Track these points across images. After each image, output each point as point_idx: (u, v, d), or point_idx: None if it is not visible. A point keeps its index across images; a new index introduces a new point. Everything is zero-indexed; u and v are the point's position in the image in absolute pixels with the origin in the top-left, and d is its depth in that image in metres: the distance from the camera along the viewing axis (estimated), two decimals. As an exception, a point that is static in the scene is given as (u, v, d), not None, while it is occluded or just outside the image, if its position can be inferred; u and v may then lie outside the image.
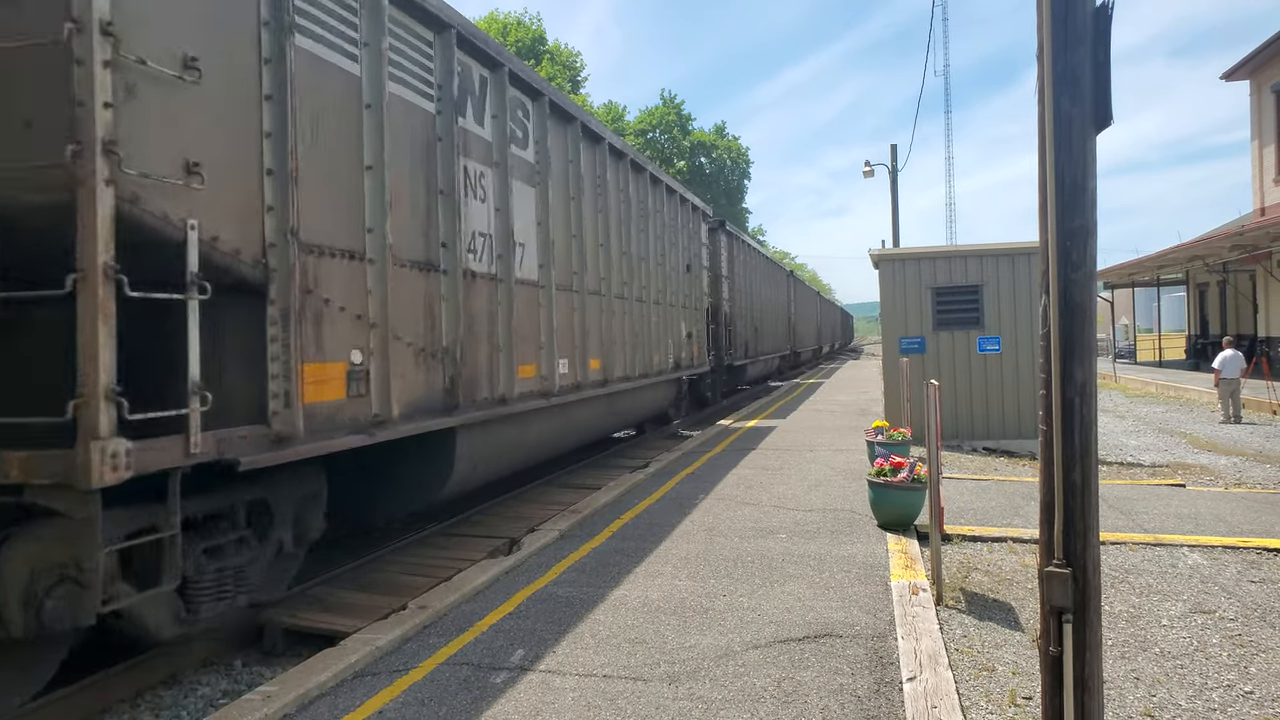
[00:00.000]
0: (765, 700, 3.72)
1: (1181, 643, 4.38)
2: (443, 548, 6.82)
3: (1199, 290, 28.71)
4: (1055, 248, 2.42)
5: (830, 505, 7.64)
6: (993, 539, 6.47)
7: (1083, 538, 2.42)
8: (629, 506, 7.80)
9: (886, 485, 6.60)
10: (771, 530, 6.76)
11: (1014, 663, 4.15)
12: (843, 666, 4.06)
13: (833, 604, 4.95)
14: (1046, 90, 2.40)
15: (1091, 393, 2.43)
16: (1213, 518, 7.05)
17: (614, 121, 51.55)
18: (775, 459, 10.43)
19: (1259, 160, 23.52)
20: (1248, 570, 5.60)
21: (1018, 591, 5.24)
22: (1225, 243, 19.84)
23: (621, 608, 4.99)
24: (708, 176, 56.14)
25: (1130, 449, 12.29)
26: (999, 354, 11.69)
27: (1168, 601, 5.00)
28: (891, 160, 26.68)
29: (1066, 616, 2.42)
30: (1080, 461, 2.41)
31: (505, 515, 7.94)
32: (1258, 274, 22.85)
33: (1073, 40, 2.36)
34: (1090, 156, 2.40)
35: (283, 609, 5.35)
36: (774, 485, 8.68)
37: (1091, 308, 2.44)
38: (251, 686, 4.52)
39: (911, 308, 12.00)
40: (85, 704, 4.25)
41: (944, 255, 12.16)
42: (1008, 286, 11.68)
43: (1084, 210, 2.39)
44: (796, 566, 5.73)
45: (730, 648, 4.32)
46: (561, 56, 47.58)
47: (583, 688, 3.91)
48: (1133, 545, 6.20)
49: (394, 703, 3.81)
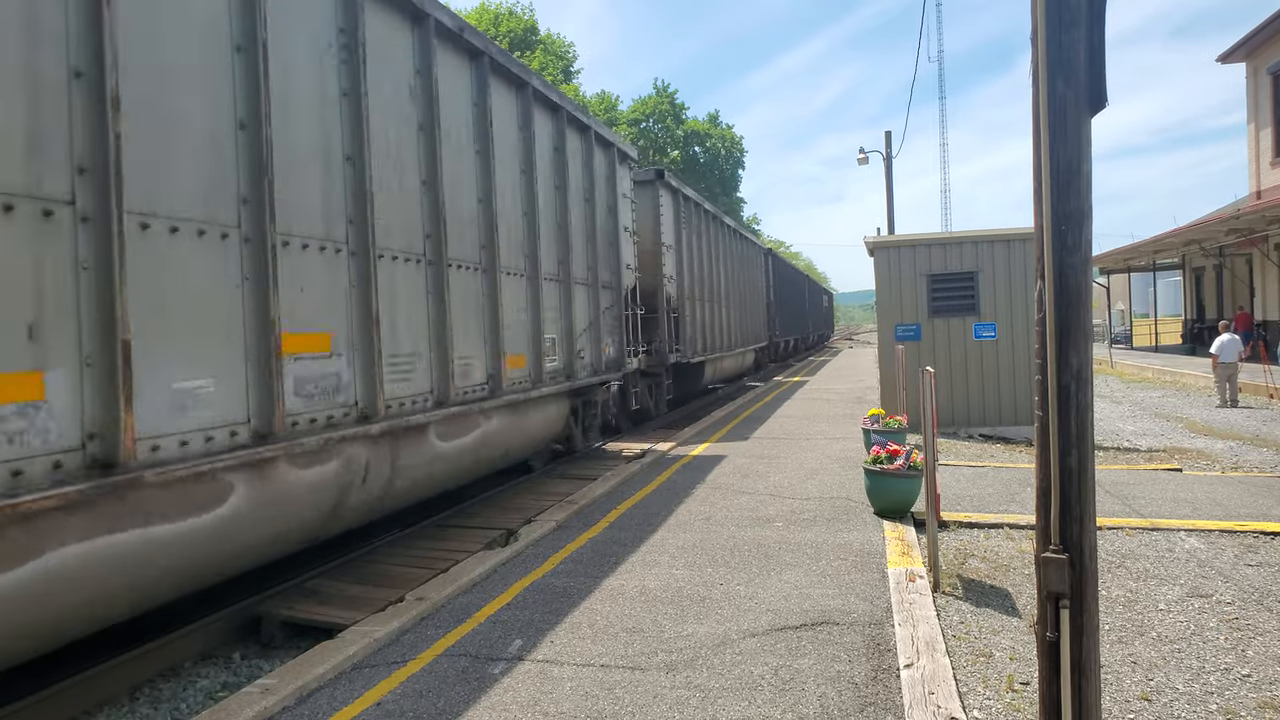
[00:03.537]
0: (763, 688, 3.73)
1: (1179, 627, 4.39)
2: (439, 540, 6.82)
3: (1195, 275, 28.71)
4: (1050, 232, 2.40)
5: (827, 493, 7.65)
6: (989, 525, 6.48)
7: (1079, 523, 2.41)
8: (625, 497, 7.80)
9: (883, 473, 6.60)
10: (768, 519, 6.76)
11: (1011, 648, 4.16)
12: (840, 654, 4.06)
13: (830, 592, 4.95)
14: (1041, 73, 2.38)
15: (1087, 378, 2.41)
16: (1209, 502, 7.06)
17: (607, 111, 51.33)
18: (771, 449, 10.43)
19: (1255, 143, 23.49)
20: (1245, 554, 5.61)
21: (1014, 577, 5.25)
22: (1221, 227, 19.83)
23: (619, 597, 4.99)
24: (702, 166, 55.97)
25: (1127, 434, 12.31)
26: (995, 340, 11.69)
27: (1165, 586, 5.01)
28: (886, 147, 26.62)
29: (1063, 602, 2.41)
30: (1076, 447, 2.40)
31: (502, 507, 7.94)
32: (1254, 258, 22.86)
33: (1067, 22, 2.34)
34: (1085, 140, 2.38)
35: (280, 601, 5.35)
36: (770, 474, 8.68)
37: (1087, 293, 2.43)
38: (250, 679, 4.53)
39: (907, 295, 11.98)
40: (84, 697, 4.25)
41: (939, 242, 12.14)
42: (1003, 272, 11.67)
43: (1079, 194, 2.37)
44: (793, 555, 5.73)
45: (727, 636, 4.33)
46: (554, 47, 47.32)
47: (580, 677, 3.91)
48: (1129, 530, 6.21)
49: (392, 694, 3.81)
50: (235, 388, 4.55)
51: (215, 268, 4.48)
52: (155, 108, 4.18)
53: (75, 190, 3.76)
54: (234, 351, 4.56)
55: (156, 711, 4.31)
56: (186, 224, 4.32)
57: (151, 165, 4.14)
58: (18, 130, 3.54)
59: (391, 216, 6.09)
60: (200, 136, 4.45)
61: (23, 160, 3.55)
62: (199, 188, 4.42)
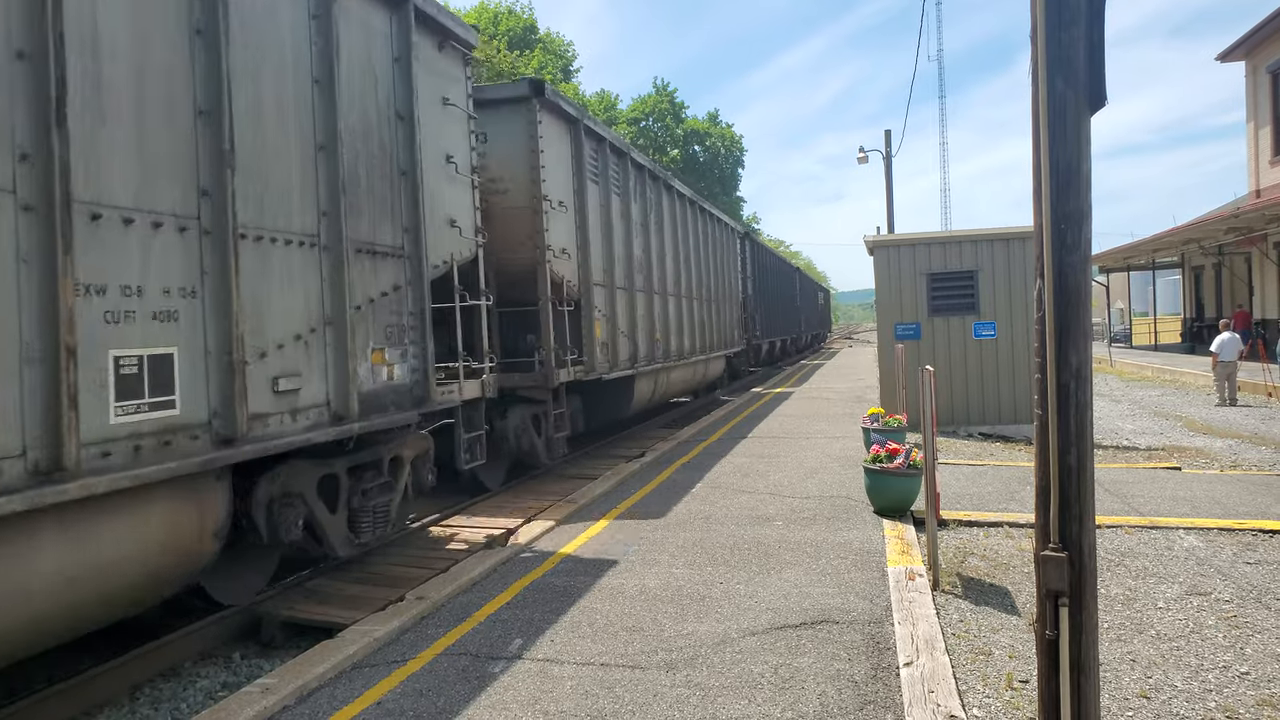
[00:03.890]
0: (763, 686, 3.73)
1: (1177, 625, 4.40)
2: (440, 539, 6.82)
3: (1194, 274, 28.72)
4: (1050, 231, 2.40)
5: (826, 492, 7.65)
6: (989, 524, 6.49)
7: (1078, 521, 2.41)
8: (625, 496, 7.80)
9: (882, 471, 6.60)
10: (768, 517, 6.77)
11: (1010, 646, 4.17)
12: (840, 652, 4.06)
13: (829, 590, 4.95)
14: (1040, 71, 2.38)
15: (1087, 377, 2.42)
16: (1208, 500, 7.07)
17: (606, 110, 51.28)
18: (771, 448, 10.43)
19: (1254, 142, 23.49)
20: (1243, 552, 5.62)
21: (1014, 576, 5.25)
22: (1221, 225, 19.84)
23: (619, 596, 4.99)
24: (702, 165, 55.94)
25: (1126, 433, 12.32)
26: (994, 339, 11.69)
27: (1163, 584, 5.02)
28: (886, 146, 26.62)
29: (1062, 600, 2.41)
30: (1076, 445, 2.40)
31: (501, 506, 7.94)
32: (1253, 256, 22.87)
33: (1067, 20, 2.34)
34: (1085, 138, 2.38)
35: (280, 601, 5.35)
36: (770, 473, 8.69)
37: (1086, 291, 2.43)
38: (250, 679, 4.52)
39: (907, 294, 11.99)
40: (84, 697, 4.25)
41: (939, 241, 12.15)
42: (1003, 271, 11.67)
43: (1078, 193, 2.37)
44: (793, 553, 5.74)
45: (727, 635, 4.33)
46: (553, 46, 47.29)
47: (580, 676, 3.91)
48: (1128, 529, 6.21)
49: (392, 693, 3.81)
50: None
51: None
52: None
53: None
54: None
55: (157, 712, 4.31)
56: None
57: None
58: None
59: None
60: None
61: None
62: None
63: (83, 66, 3.77)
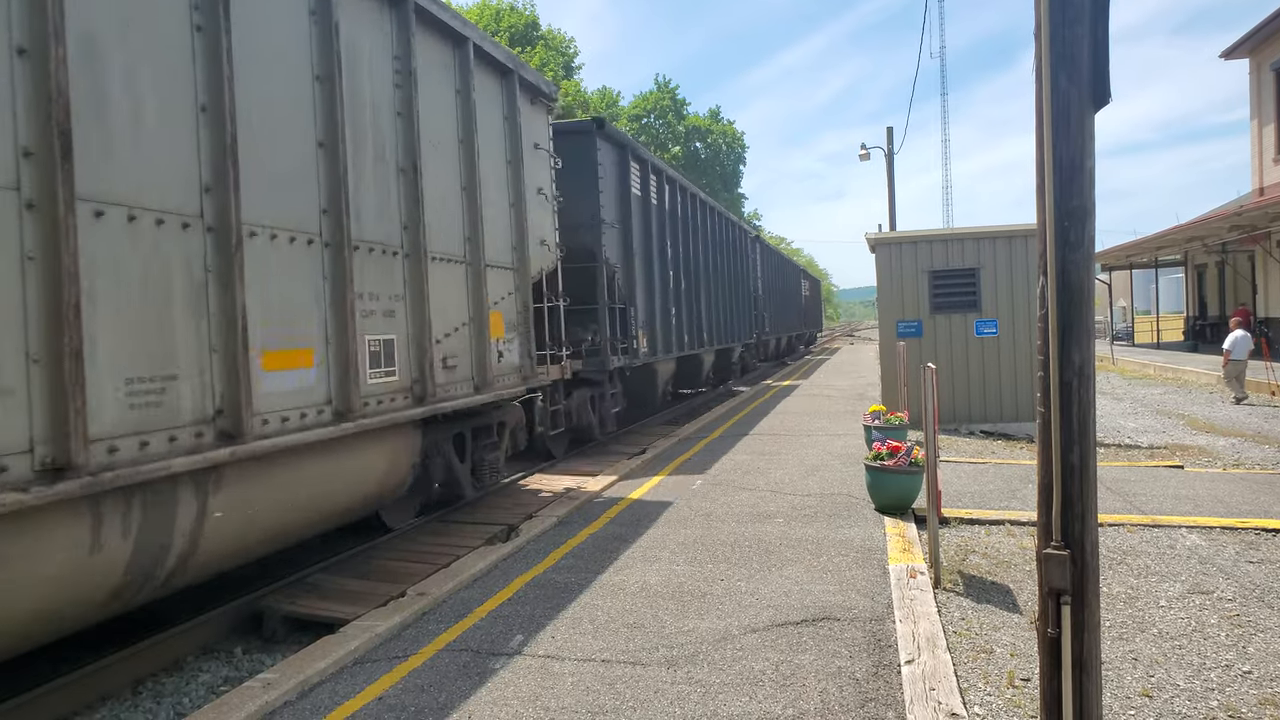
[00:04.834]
0: (764, 683, 3.73)
1: (1180, 623, 4.39)
2: (441, 535, 6.83)
3: (1197, 272, 28.68)
4: (1053, 228, 2.39)
5: (827, 490, 7.65)
6: (990, 522, 6.49)
7: (1081, 520, 2.41)
8: (626, 492, 7.80)
9: (884, 469, 6.60)
10: (769, 515, 6.77)
11: (1012, 644, 4.16)
12: (841, 650, 4.07)
13: (830, 588, 4.95)
14: (1044, 68, 2.37)
15: (1089, 375, 2.41)
16: (1211, 499, 7.06)
17: (608, 107, 51.23)
18: (772, 445, 10.43)
19: (1258, 140, 23.43)
20: (1246, 551, 5.61)
21: (1015, 574, 5.25)
22: (1224, 223, 19.80)
23: (620, 593, 5.00)
24: (703, 162, 55.92)
25: (1128, 431, 12.31)
26: (996, 337, 11.68)
27: (1166, 583, 5.02)
28: (888, 143, 26.57)
29: (1064, 598, 2.41)
30: (1078, 443, 2.40)
31: (502, 503, 7.94)
32: (1256, 255, 22.82)
33: (1071, 17, 2.33)
34: (1088, 135, 2.37)
35: (282, 596, 5.36)
36: (771, 470, 8.69)
37: (1089, 289, 2.42)
38: (252, 673, 4.54)
39: (908, 291, 11.97)
40: (86, 691, 4.26)
41: (941, 238, 12.13)
42: (1005, 269, 11.65)
43: (1082, 190, 2.37)
44: (794, 551, 5.74)
45: (728, 632, 4.33)
46: (555, 43, 47.23)
47: (581, 672, 3.92)
48: (1131, 527, 6.21)
49: (394, 689, 3.82)
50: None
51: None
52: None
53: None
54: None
55: (159, 706, 4.32)
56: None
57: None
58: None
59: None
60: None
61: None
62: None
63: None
